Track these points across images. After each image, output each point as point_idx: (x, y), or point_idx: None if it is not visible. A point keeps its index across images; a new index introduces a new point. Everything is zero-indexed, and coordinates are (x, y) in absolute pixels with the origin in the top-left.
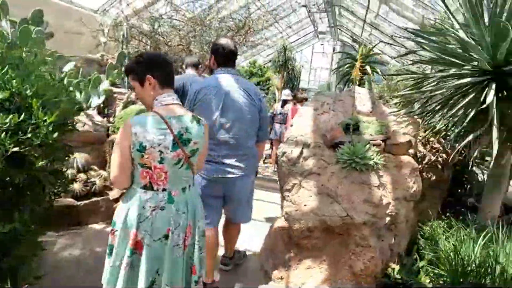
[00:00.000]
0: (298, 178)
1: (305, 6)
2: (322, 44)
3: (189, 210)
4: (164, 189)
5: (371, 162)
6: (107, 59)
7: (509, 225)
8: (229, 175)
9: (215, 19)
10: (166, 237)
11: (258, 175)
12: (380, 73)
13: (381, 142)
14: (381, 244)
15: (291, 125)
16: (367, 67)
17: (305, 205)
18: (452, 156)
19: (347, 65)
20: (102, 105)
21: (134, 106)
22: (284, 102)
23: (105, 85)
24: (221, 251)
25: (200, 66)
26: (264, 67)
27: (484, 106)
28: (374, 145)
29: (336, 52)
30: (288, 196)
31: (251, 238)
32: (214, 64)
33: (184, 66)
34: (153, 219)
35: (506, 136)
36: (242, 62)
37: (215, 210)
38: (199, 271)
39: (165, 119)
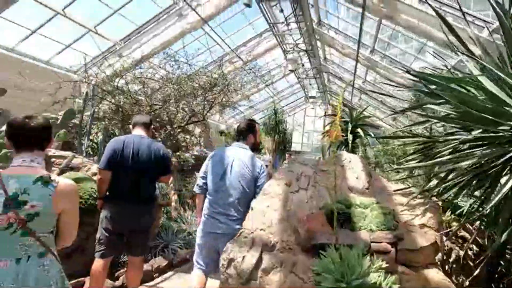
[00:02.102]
0: None
1: (293, 71)
2: (313, 108)
3: (20, 286)
4: None
5: None
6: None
7: None
8: None
9: (187, 80)
10: None
11: None
12: (373, 135)
13: (389, 247)
14: None
15: (251, 210)
16: (359, 130)
17: None
18: (487, 250)
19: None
20: None
21: (72, 174)
22: None
23: None
24: None
25: (151, 126)
26: None
27: None
28: (377, 251)
29: (326, 115)
30: None
31: None
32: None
33: (131, 125)
34: None
35: None
36: (235, 124)
37: None
38: None
39: (1, 179)
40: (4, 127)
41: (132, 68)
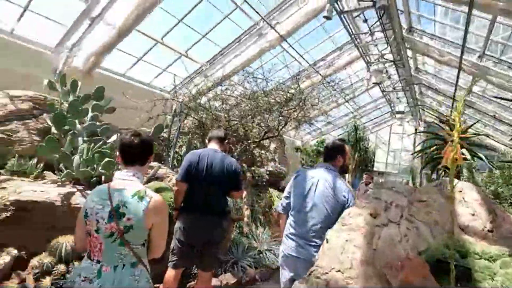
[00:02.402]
0: None
1: (377, 84)
2: (400, 125)
3: None
4: (98, 261)
5: None
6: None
7: None
8: None
9: (263, 96)
10: None
11: None
12: (484, 159)
13: None
14: None
15: (326, 242)
16: (464, 151)
17: None
18: None
19: (435, 147)
20: None
21: (155, 183)
22: None
23: None
24: None
25: (226, 141)
26: None
27: None
28: None
29: (418, 132)
30: None
31: None
32: None
33: (207, 139)
34: None
35: None
36: (312, 141)
37: None
38: None
39: (110, 190)
40: (112, 139)
41: (214, 87)
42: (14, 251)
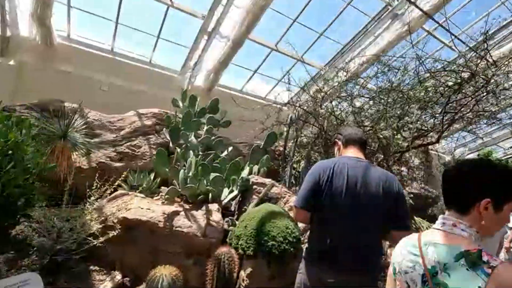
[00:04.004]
0: None
1: None
2: None
3: None
4: None
5: None
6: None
7: None
8: None
9: (415, 83)
10: None
11: None
12: None
13: None
14: None
15: None
16: None
17: None
18: None
19: None
20: (239, 199)
21: (267, 205)
22: None
23: (244, 173)
24: None
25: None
26: (508, 162)
27: None
28: None
29: None
30: None
31: None
32: None
33: (341, 141)
34: None
35: None
36: (466, 153)
37: None
38: None
39: (420, 243)
40: (225, 153)
41: (340, 87)
42: (118, 276)
